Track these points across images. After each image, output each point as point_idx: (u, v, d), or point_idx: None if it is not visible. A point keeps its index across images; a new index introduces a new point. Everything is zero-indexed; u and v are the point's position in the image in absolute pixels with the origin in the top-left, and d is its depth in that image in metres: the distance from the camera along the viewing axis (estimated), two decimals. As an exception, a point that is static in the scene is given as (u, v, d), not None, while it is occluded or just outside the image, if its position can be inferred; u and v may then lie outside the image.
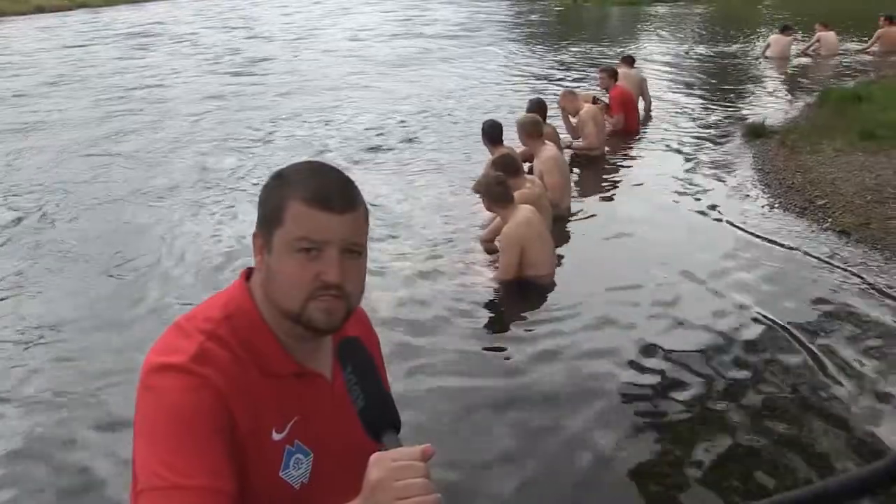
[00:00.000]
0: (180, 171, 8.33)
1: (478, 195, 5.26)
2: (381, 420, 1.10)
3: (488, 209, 5.44)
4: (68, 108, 12.10)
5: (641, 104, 10.02)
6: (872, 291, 4.83)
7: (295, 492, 1.29)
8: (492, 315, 4.81)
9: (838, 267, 5.20)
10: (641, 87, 10.20)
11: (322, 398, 1.33)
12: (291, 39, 20.34)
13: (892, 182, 6.40)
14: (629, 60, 10.64)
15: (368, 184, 6.90)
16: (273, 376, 1.28)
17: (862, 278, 5.01)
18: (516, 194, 5.24)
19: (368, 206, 1.33)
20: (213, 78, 14.53)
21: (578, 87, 10.92)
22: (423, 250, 5.76)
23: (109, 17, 28.74)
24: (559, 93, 9.07)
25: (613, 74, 9.35)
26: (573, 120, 8.49)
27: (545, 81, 12.91)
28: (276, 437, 1.27)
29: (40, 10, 32.39)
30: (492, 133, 6.72)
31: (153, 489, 1.11)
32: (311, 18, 26.33)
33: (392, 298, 4.90)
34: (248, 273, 1.35)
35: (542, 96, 8.54)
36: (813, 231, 5.86)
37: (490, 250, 5.57)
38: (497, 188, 5.12)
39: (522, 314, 4.83)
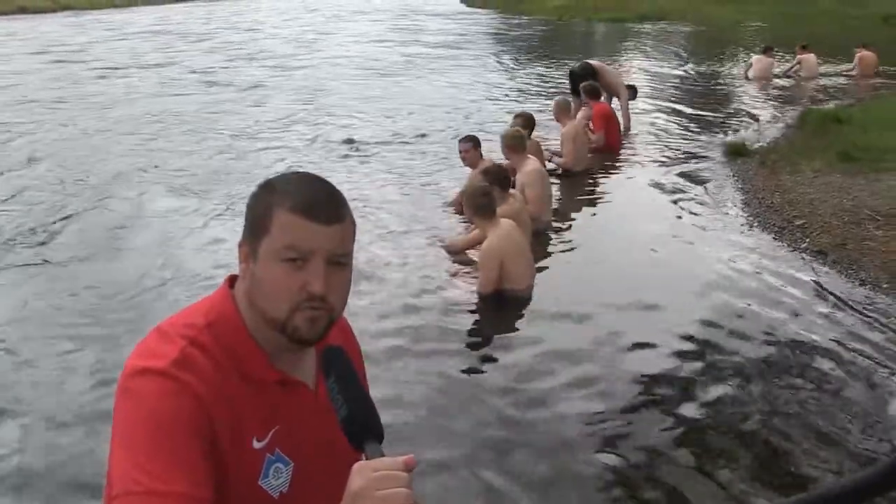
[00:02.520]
0: (184, 168, 8.58)
1: (456, 207, 5.26)
2: (363, 429, 1.10)
3: (470, 220, 5.45)
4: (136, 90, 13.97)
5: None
6: (847, 311, 4.89)
7: (274, 501, 1.29)
8: (470, 327, 4.82)
9: (814, 287, 5.26)
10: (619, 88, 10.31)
11: (304, 407, 1.33)
12: (306, 41, 21.72)
13: (868, 204, 6.48)
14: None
15: (350, 192, 6.90)
16: (255, 384, 1.27)
17: (837, 298, 5.07)
18: (498, 209, 5.25)
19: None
20: (228, 73, 15.76)
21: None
22: (402, 261, 5.76)
23: (118, 19, 29.40)
24: (549, 104, 9.12)
25: (595, 92, 9.40)
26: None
27: (531, 95, 13.00)
28: (256, 445, 1.26)
29: (23, 10, 32.26)
30: (478, 142, 6.78)
31: (128, 494, 1.10)
32: (308, 25, 26.65)
33: (371, 309, 4.90)
34: (232, 280, 1.34)
35: (528, 110, 8.60)
36: (790, 250, 5.92)
37: (463, 261, 5.57)
38: (481, 199, 5.12)
39: (501, 327, 4.85)
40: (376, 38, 22.66)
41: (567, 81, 10.91)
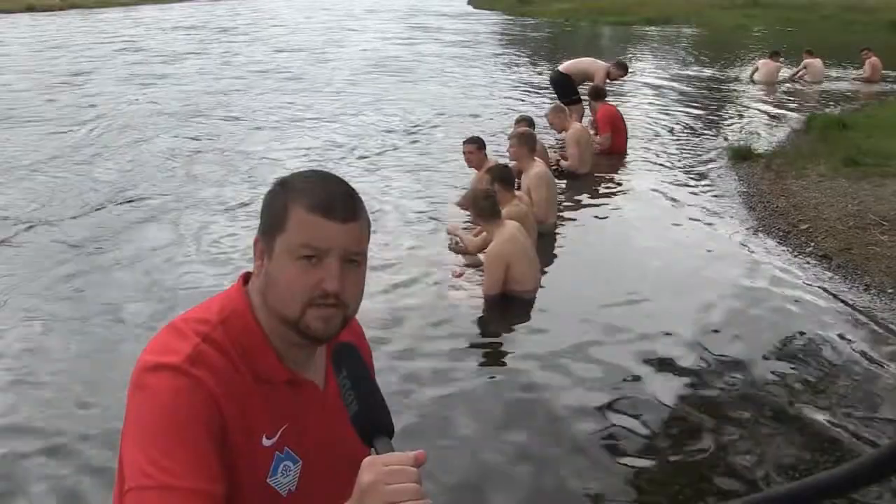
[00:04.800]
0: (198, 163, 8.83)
1: (463, 207, 5.27)
2: (374, 425, 1.11)
3: (475, 222, 5.46)
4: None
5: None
6: (851, 315, 4.89)
7: (282, 498, 1.29)
8: (476, 329, 4.83)
9: (819, 291, 5.26)
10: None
11: (314, 406, 1.33)
12: (333, 39, 22.76)
13: (873, 208, 6.48)
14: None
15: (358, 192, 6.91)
16: (266, 382, 1.27)
17: (842, 302, 5.07)
18: (503, 210, 5.26)
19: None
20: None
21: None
22: (407, 262, 5.77)
23: (147, 17, 30.57)
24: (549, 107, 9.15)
25: (600, 94, 9.41)
26: (560, 136, 8.56)
27: (535, 97, 13.00)
28: (265, 442, 1.27)
29: (31, 9, 32.37)
30: (482, 143, 6.81)
31: (141, 488, 1.11)
32: (326, 23, 27.19)
33: (377, 310, 4.90)
34: (246, 277, 1.35)
35: (530, 112, 8.59)
36: (795, 254, 5.92)
37: (473, 263, 5.59)
38: (483, 202, 5.13)
39: (506, 329, 4.85)
40: (392, 37, 23.18)
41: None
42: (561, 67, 10.44)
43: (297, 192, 1.25)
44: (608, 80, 10.21)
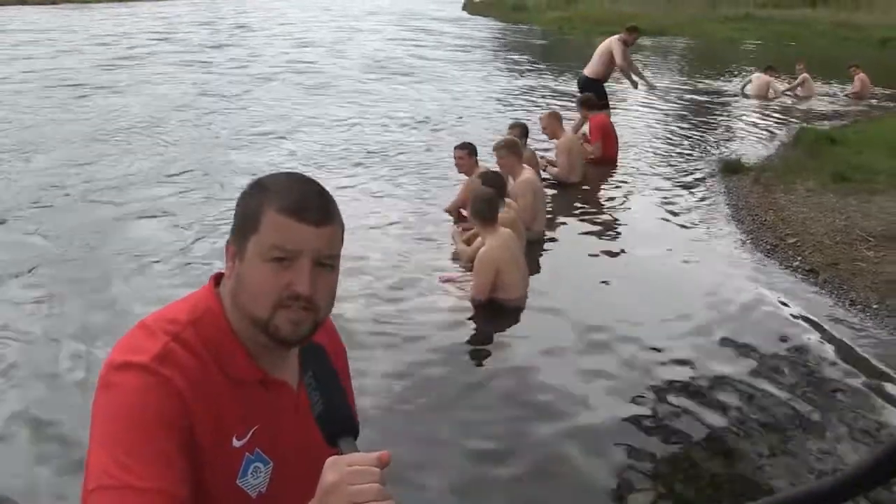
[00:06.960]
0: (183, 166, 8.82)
1: (448, 214, 5.26)
2: (338, 425, 1.10)
3: (472, 225, 5.46)
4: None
5: None
6: (836, 331, 4.89)
7: (252, 500, 1.28)
8: (462, 335, 4.81)
9: (805, 305, 5.27)
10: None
11: (286, 407, 1.33)
12: (340, 39, 23.77)
13: (860, 224, 6.51)
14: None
15: (345, 197, 6.90)
16: (237, 383, 1.26)
17: (827, 317, 5.08)
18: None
19: (344, 221, 1.33)
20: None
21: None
22: (395, 266, 5.75)
23: (155, 11, 31.58)
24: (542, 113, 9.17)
25: (592, 104, 9.44)
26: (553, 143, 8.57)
27: (530, 104, 13.05)
28: (236, 443, 1.26)
29: (23, 2, 32.27)
30: (474, 149, 6.80)
31: (104, 488, 1.09)
32: (330, 23, 27.82)
33: (362, 313, 4.89)
34: (217, 278, 1.34)
35: (524, 119, 8.60)
36: (782, 268, 5.93)
37: (462, 270, 5.58)
38: (480, 205, 5.11)
39: (492, 335, 4.84)
40: (397, 38, 23.77)
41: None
42: (586, 72, 10.54)
43: (270, 194, 1.25)
44: (628, 46, 10.60)
